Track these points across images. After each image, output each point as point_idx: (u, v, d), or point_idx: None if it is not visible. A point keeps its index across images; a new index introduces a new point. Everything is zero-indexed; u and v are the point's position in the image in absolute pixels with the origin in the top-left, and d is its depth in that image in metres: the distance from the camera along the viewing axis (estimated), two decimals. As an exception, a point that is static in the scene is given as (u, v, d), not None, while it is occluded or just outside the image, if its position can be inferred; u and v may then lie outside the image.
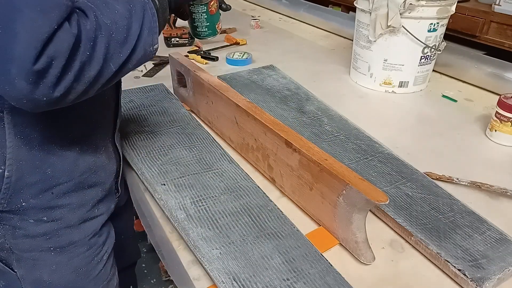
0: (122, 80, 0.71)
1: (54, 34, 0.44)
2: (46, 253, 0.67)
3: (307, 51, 1.52)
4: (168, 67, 1.25)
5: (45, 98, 0.47)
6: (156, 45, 0.59)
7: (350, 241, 0.64)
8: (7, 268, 0.67)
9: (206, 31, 0.86)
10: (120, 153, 0.78)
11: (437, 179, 0.81)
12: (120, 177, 0.79)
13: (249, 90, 1.14)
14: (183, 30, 1.49)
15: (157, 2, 0.60)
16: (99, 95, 0.58)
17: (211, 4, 0.83)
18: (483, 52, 1.60)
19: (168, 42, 1.50)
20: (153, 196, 0.75)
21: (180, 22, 1.55)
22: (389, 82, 1.19)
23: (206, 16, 0.84)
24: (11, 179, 0.60)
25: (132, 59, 0.55)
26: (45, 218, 0.65)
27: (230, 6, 0.91)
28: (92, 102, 0.61)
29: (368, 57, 1.19)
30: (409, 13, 1.07)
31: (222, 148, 0.87)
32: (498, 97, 0.96)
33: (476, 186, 0.79)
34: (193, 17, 0.83)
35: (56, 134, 0.62)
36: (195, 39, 1.49)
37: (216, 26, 0.87)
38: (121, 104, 0.79)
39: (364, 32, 1.17)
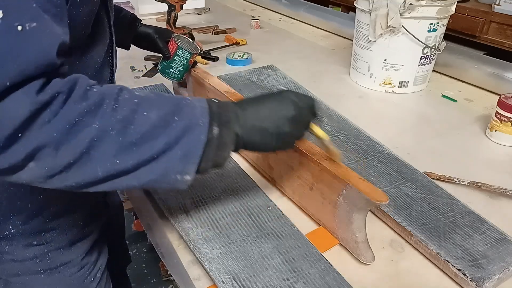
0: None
1: (5, 93, 0.35)
2: (36, 276, 0.63)
3: (307, 51, 1.52)
4: (168, 67, 1.25)
5: None
6: (188, 177, 0.46)
7: (350, 241, 0.64)
8: None
9: (177, 74, 0.94)
10: None
11: (437, 179, 0.81)
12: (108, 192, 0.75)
13: (249, 90, 1.14)
14: (183, 30, 1.49)
15: (215, 131, 0.47)
16: None
17: (194, 56, 0.93)
18: (483, 52, 1.60)
19: (168, 42, 1.50)
20: (153, 196, 0.75)
21: (180, 22, 1.55)
22: (389, 82, 1.19)
23: (184, 63, 0.92)
24: (1, 206, 0.57)
25: (137, 174, 0.43)
26: (35, 242, 0.61)
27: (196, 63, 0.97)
28: None
29: (368, 57, 1.19)
30: (409, 13, 1.07)
31: (222, 148, 0.87)
32: (498, 97, 0.96)
33: (476, 186, 0.79)
34: (174, 58, 0.91)
35: None
36: (195, 39, 1.49)
37: (185, 74, 0.96)
38: None
39: (364, 32, 1.17)
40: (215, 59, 1.39)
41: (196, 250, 0.62)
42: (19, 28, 0.36)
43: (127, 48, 0.93)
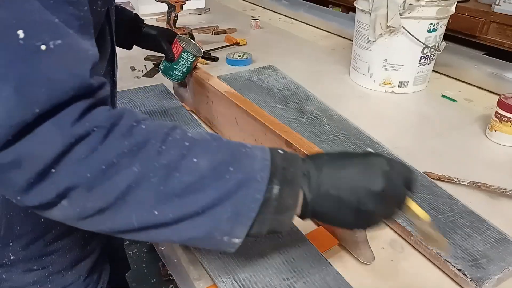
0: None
1: (36, 123, 0.32)
2: None
3: (307, 51, 1.52)
4: (168, 67, 1.25)
5: (19, 198, 0.35)
6: (236, 240, 0.40)
7: (350, 241, 0.64)
8: None
9: (179, 75, 0.95)
10: None
11: (437, 179, 0.81)
12: None
13: (249, 90, 1.14)
14: (183, 30, 1.49)
15: (275, 191, 0.40)
16: None
17: (198, 59, 0.94)
18: (483, 52, 1.60)
19: (168, 42, 1.50)
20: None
21: (180, 22, 1.55)
22: (388, 82, 1.19)
23: (188, 65, 0.93)
24: (1, 233, 0.53)
25: (177, 228, 0.38)
26: (35, 267, 0.57)
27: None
28: None
29: (368, 57, 1.19)
30: (408, 13, 1.07)
31: (222, 148, 0.87)
32: (498, 97, 0.96)
33: (476, 186, 0.79)
34: (179, 60, 0.91)
35: None
36: (195, 39, 1.49)
37: (186, 76, 0.97)
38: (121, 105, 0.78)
39: (364, 33, 1.17)
40: (215, 59, 1.39)
41: (196, 250, 0.62)
42: (43, 47, 0.32)
43: (129, 48, 0.92)
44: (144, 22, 0.92)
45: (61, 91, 0.32)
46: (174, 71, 0.94)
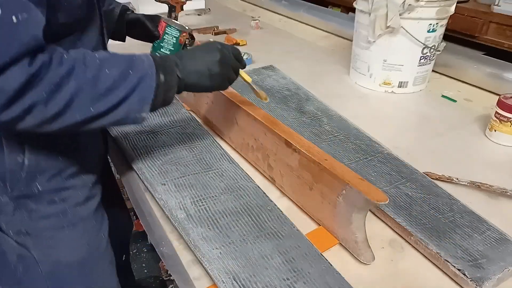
0: None
1: (5, 67, 0.47)
2: (60, 231, 0.73)
3: (307, 51, 1.52)
4: (168, 67, 1.25)
5: None
6: (144, 114, 0.60)
7: (350, 241, 0.64)
8: (25, 250, 0.71)
9: (167, 53, 0.94)
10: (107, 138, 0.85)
11: (437, 179, 0.82)
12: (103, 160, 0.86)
13: (249, 90, 1.13)
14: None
15: (162, 78, 0.61)
16: None
17: (183, 34, 0.94)
18: (483, 52, 1.60)
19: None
20: (153, 196, 0.75)
21: (180, 23, 1.55)
22: (388, 82, 1.19)
23: (174, 41, 0.94)
24: (31, 167, 0.66)
25: (107, 117, 0.57)
26: (56, 199, 0.71)
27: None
28: None
29: (368, 57, 1.19)
30: (408, 13, 1.07)
31: (222, 148, 0.87)
32: (497, 97, 0.96)
33: (476, 186, 0.79)
34: (164, 37, 0.92)
35: None
36: (195, 39, 1.49)
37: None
38: None
39: (363, 33, 1.17)
40: (215, 59, 1.39)
41: (196, 250, 0.63)
42: (14, 20, 0.47)
43: (123, 39, 0.97)
44: (132, 12, 0.98)
45: (23, 48, 0.48)
46: (161, 49, 0.94)
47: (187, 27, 0.96)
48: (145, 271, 1.67)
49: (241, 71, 0.75)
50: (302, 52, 1.50)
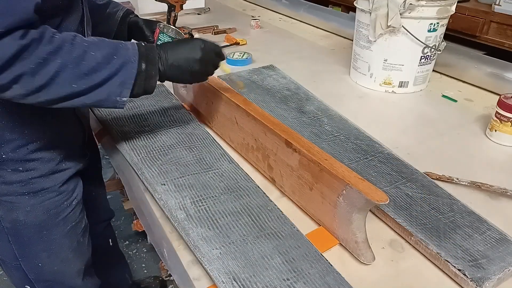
0: None
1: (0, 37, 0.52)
2: (22, 197, 0.77)
3: (307, 51, 1.52)
4: (168, 67, 1.25)
5: None
6: (125, 99, 0.65)
7: (350, 241, 0.64)
8: None
9: None
10: (84, 124, 0.87)
11: (437, 179, 0.81)
12: (86, 144, 0.89)
13: (249, 90, 1.14)
14: (183, 30, 1.49)
15: (143, 67, 0.66)
16: None
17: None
18: (483, 52, 1.60)
19: (168, 42, 1.50)
20: (153, 196, 0.75)
21: (180, 22, 1.55)
22: (389, 82, 1.19)
23: None
24: None
25: (89, 95, 0.62)
26: (20, 168, 0.75)
27: None
28: None
29: (368, 57, 1.19)
30: (409, 13, 1.07)
31: (222, 148, 0.87)
32: (498, 97, 0.96)
33: (476, 186, 0.79)
34: (157, 43, 0.89)
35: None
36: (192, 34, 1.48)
37: None
38: None
39: (364, 32, 1.17)
40: (215, 59, 1.39)
41: (196, 250, 0.62)
42: None
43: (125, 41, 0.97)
44: (135, 15, 0.99)
45: (16, 21, 0.53)
46: None
47: (183, 34, 0.95)
48: (145, 271, 1.66)
49: (222, 63, 0.80)
50: (302, 52, 1.50)
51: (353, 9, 1.26)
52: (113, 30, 0.94)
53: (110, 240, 1.20)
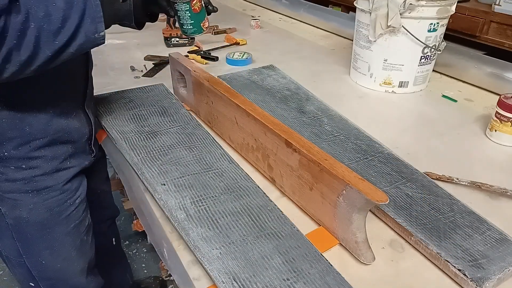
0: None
1: None
2: (25, 195, 0.78)
3: (307, 51, 1.52)
4: (168, 67, 1.25)
5: None
6: (102, 33, 0.65)
7: (350, 241, 0.64)
8: None
9: (191, 28, 0.91)
10: (92, 120, 0.87)
11: (437, 179, 0.81)
12: (93, 140, 0.89)
13: (249, 90, 1.14)
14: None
15: None
16: (65, 69, 0.71)
17: (193, 3, 0.88)
18: (483, 52, 1.60)
19: (168, 42, 1.50)
20: (153, 196, 0.75)
21: (180, 22, 1.55)
22: (389, 82, 1.19)
23: (190, 14, 0.89)
24: None
25: (72, 45, 0.62)
26: (23, 166, 0.76)
27: (216, 8, 0.96)
28: (58, 75, 0.74)
29: (368, 57, 1.19)
30: (409, 13, 1.07)
31: (222, 148, 0.87)
32: (498, 97, 0.96)
33: (476, 186, 0.79)
34: (178, 15, 0.88)
35: (30, 99, 0.72)
36: (195, 39, 1.49)
37: (202, 24, 0.92)
38: (93, 78, 0.89)
39: (364, 32, 1.17)
40: (215, 59, 1.39)
41: (196, 250, 0.62)
42: None
43: (141, 25, 0.91)
44: None
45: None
46: (184, 26, 0.91)
47: None
48: (145, 271, 1.67)
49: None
50: (302, 52, 1.50)
51: (353, 9, 1.26)
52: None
53: (113, 239, 1.21)
